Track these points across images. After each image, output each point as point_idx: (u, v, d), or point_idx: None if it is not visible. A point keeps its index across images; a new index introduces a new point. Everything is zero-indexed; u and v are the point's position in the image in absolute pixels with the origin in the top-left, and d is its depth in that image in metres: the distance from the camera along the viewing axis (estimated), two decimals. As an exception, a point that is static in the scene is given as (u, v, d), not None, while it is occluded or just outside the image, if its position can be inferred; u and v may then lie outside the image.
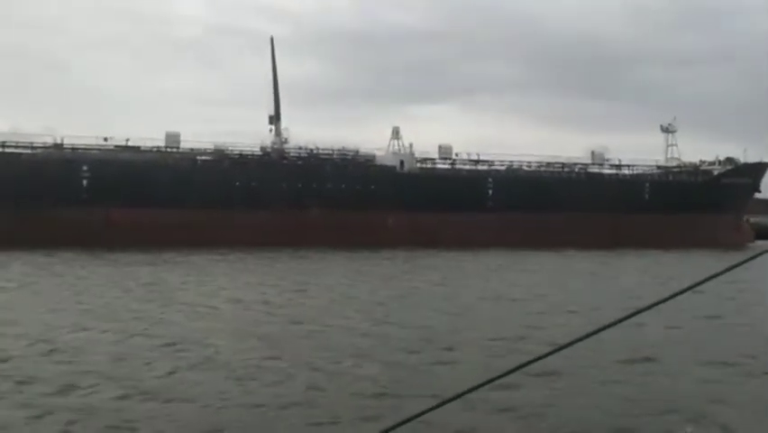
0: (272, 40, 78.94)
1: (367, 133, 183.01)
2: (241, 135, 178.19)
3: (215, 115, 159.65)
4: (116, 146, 66.39)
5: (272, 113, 74.98)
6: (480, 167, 76.00)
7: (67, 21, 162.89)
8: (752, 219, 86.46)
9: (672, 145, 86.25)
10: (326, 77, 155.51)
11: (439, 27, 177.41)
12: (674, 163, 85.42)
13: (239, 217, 61.02)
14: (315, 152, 71.35)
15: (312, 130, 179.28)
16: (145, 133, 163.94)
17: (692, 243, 66.01)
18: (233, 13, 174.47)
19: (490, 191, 71.34)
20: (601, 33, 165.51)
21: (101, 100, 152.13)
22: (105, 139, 66.81)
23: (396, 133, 77.03)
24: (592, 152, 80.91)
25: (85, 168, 60.77)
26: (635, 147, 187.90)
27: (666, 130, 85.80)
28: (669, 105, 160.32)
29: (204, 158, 68.11)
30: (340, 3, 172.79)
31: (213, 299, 26.46)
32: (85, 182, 60.36)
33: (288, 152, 71.46)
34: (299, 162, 68.86)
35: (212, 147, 69.33)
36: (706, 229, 71.55)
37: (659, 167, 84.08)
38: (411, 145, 73.04)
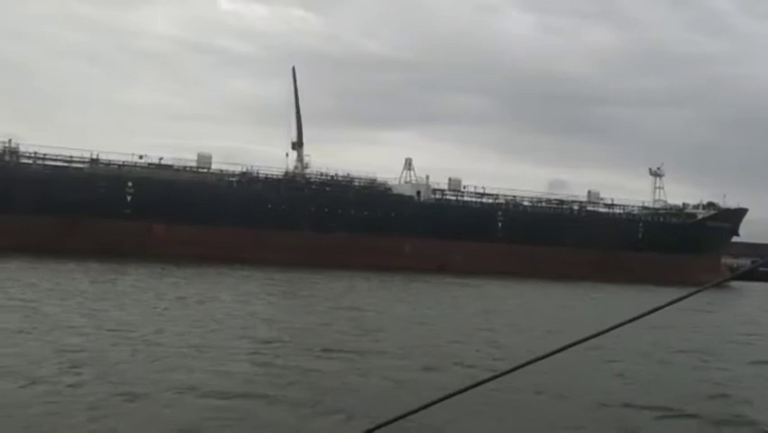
0: (294, 69, 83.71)
1: (329, 154, 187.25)
2: (211, 152, 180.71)
3: (181, 130, 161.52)
4: (150, 164, 70.05)
5: (294, 139, 79.56)
6: (485, 200, 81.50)
7: (32, 27, 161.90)
8: (725, 261, 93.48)
9: (659, 188, 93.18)
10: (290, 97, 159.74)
11: (405, 57, 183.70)
12: (660, 205, 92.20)
13: (270, 237, 64.92)
14: (335, 178, 75.97)
15: (270, 149, 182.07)
16: (108, 143, 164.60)
17: (677, 281, 71.72)
18: (199, 29, 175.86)
19: (500, 223, 76.71)
20: (561, 73, 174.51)
21: (61, 109, 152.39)
22: (141, 157, 70.58)
23: (408, 165, 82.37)
24: (588, 192, 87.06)
25: (129, 184, 64.35)
26: (592, 183, 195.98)
27: (655, 174, 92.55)
28: (625, 142, 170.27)
29: (233, 179, 72.11)
30: (311, 26, 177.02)
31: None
32: (129, 198, 63.89)
33: (310, 177, 75.90)
34: (327, 189, 73.23)
35: (239, 169, 73.49)
36: (690, 268, 77.50)
37: (645, 208, 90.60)
38: (428, 177, 78.36)
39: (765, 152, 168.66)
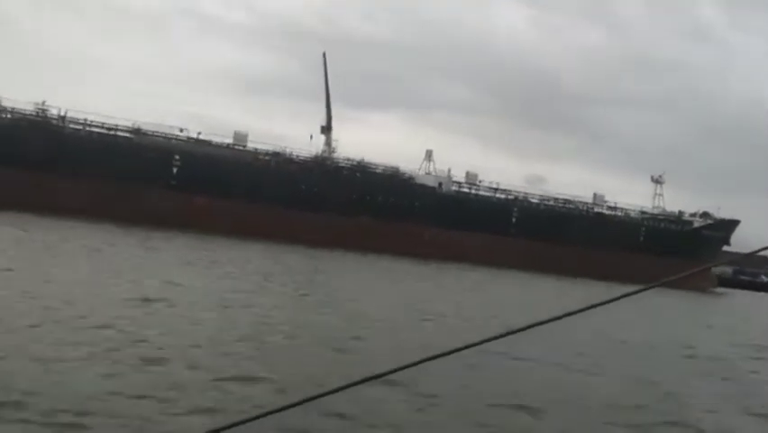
0: (324, 55, 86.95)
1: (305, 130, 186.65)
2: (187, 117, 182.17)
3: (157, 92, 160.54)
4: (189, 138, 73.10)
5: (324, 123, 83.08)
6: (498, 195, 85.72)
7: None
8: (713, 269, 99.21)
9: (659, 195, 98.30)
10: (277, 70, 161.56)
11: (399, 40, 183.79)
12: (658, 211, 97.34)
13: (300, 217, 68.50)
14: (361, 163, 79.59)
15: (245, 119, 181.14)
16: (85, 100, 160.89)
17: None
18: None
19: (514, 219, 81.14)
20: (549, 69, 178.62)
21: (40, 60, 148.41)
22: (181, 130, 73.68)
23: (429, 156, 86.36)
24: (594, 194, 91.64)
25: (177, 157, 67.61)
26: (569, 179, 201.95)
27: (657, 181, 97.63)
28: (606, 142, 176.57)
29: (267, 158, 75.49)
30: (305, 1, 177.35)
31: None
32: (175, 170, 67.14)
33: (338, 162, 79.49)
34: (358, 175, 76.97)
35: (272, 149, 76.78)
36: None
37: (643, 213, 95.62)
38: (449, 170, 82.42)
39: (746, 165, 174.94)
